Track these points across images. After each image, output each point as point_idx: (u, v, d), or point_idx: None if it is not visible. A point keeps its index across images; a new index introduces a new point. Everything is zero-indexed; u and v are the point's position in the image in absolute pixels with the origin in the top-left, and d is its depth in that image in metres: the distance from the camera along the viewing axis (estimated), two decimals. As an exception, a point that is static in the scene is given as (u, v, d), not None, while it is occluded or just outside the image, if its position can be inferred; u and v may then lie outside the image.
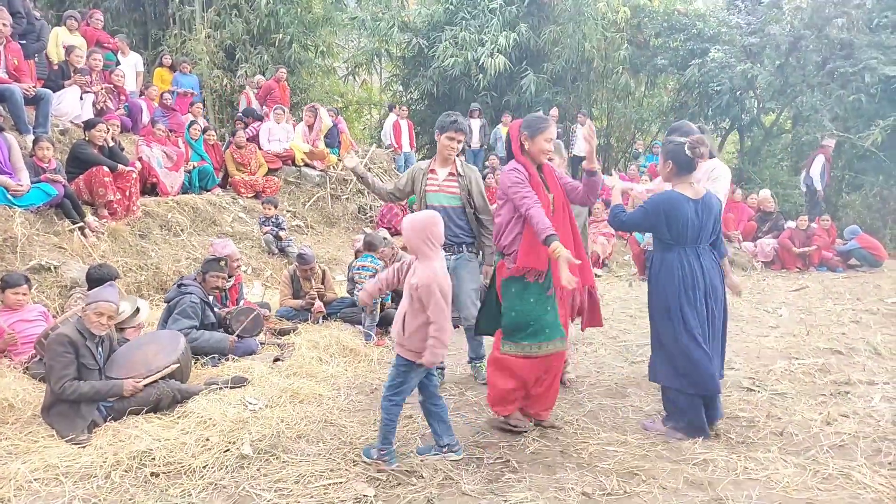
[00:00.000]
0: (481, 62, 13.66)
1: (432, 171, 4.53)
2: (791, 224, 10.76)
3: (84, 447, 3.54)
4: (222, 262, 5.51)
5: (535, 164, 3.81)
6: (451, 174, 4.53)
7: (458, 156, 4.56)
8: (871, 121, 12.92)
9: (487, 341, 4.72)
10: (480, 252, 4.67)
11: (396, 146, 12.95)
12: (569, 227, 3.82)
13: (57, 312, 5.42)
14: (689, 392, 3.64)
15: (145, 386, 4.00)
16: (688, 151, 3.63)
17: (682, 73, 14.75)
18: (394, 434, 3.37)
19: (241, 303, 6.05)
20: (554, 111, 13.40)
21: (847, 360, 5.18)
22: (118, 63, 9.98)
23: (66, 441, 3.58)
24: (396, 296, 6.22)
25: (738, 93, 14.20)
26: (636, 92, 16.27)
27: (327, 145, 11.06)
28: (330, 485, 3.12)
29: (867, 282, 9.10)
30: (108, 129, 7.35)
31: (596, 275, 9.61)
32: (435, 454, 3.44)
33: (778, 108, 15.32)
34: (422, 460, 3.37)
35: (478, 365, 4.86)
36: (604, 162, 16.02)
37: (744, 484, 3.08)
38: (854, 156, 13.82)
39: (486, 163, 12.86)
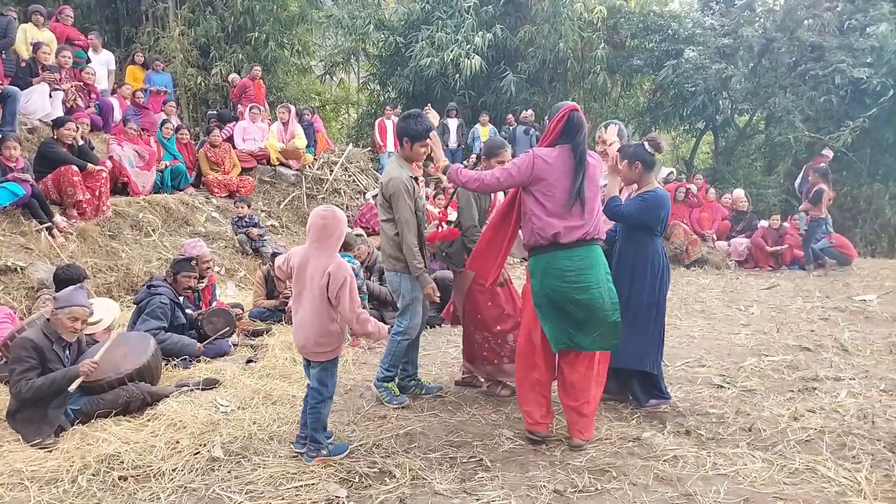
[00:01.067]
0: (457, 61, 13.65)
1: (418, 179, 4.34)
2: (764, 223, 10.93)
3: (50, 451, 3.48)
4: (193, 262, 5.45)
5: None
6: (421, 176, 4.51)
7: None
8: (842, 122, 13.18)
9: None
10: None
11: (381, 145, 12.90)
12: None
13: (24, 314, 5.32)
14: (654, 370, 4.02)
15: (117, 384, 3.94)
16: (649, 148, 3.84)
17: (658, 73, 14.88)
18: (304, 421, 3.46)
19: (214, 304, 5.99)
20: (529, 112, 13.40)
21: (815, 357, 5.27)
22: (89, 60, 9.81)
23: (32, 445, 3.51)
24: (372, 298, 6.19)
25: (712, 94, 14.38)
26: (612, 92, 16.38)
27: (303, 144, 10.98)
28: (301, 486, 3.10)
29: (837, 280, 9.27)
30: (78, 127, 7.23)
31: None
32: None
33: (751, 109, 15.56)
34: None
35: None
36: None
37: (713, 479, 3.12)
38: (826, 156, 14.10)
39: (465, 162, 12.85)
